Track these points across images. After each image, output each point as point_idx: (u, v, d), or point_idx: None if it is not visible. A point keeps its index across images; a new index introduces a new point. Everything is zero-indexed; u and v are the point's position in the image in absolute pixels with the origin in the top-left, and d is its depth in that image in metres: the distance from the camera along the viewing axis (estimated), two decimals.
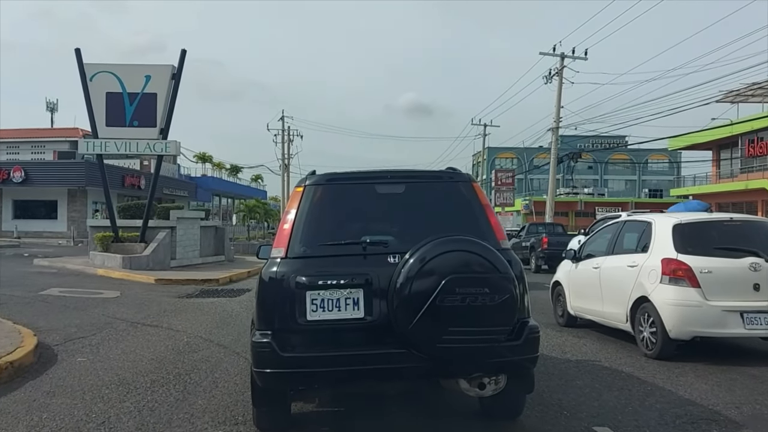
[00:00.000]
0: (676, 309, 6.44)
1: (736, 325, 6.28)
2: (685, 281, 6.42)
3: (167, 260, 17.50)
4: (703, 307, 6.32)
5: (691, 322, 6.41)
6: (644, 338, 6.85)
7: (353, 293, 3.73)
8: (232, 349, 7.15)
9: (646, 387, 5.44)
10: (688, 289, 6.38)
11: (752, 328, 6.28)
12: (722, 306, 6.31)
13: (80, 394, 5.22)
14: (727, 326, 6.32)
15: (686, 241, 6.69)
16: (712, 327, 6.38)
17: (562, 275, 9.10)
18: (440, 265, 3.56)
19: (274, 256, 3.94)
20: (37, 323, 8.52)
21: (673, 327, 6.44)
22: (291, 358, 3.67)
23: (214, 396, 5.16)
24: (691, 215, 7.71)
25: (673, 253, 6.63)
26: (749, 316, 6.26)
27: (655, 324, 6.63)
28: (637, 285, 6.97)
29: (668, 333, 6.47)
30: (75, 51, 17.07)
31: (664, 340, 6.53)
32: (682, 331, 6.44)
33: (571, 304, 8.67)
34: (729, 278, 6.40)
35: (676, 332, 6.44)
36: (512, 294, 3.59)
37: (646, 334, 6.79)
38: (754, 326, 6.27)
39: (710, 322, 6.35)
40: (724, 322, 6.32)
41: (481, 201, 4.16)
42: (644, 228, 7.41)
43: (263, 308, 3.88)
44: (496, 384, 3.89)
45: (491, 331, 3.59)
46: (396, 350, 3.67)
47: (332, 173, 4.35)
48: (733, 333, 6.41)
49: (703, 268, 6.41)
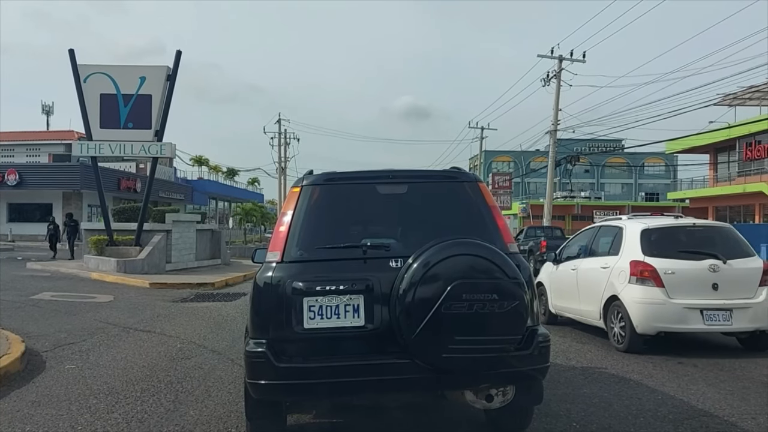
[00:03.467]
0: (642, 306, 7.01)
1: (696, 321, 6.88)
2: (650, 281, 7.00)
3: (162, 264, 17.27)
4: (667, 305, 6.89)
5: (656, 319, 6.97)
6: (615, 333, 7.43)
7: (353, 300, 3.52)
8: (227, 355, 6.93)
9: (656, 396, 5.23)
10: (653, 289, 6.96)
11: (711, 323, 6.88)
12: (684, 304, 6.89)
13: (67, 404, 4.99)
14: (688, 322, 6.91)
15: (652, 245, 7.30)
16: (674, 323, 6.95)
17: (545, 276, 9.62)
18: (446, 269, 3.35)
19: (270, 261, 3.71)
20: (27, 328, 8.32)
21: (639, 323, 7.01)
22: (287, 368, 3.45)
23: (207, 406, 4.94)
24: (658, 221, 8.10)
25: (640, 256, 7.23)
26: (708, 312, 6.86)
27: (624, 320, 7.18)
28: (609, 285, 7.55)
29: (635, 328, 7.03)
30: (68, 52, 16.89)
31: (631, 334, 7.09)
32: (648, 326, 7.01)
33: (552, 303, 9.24)
34: (690, 278, 6.98)
35: (642, 328, 7.00)
36: (522, 300, 3.38)
37: (617, 329, 7.36)
38: (713, 322, 6.88)
39: (673, 318, 6.92)
40: (686, 319, 6.90)
41: (488, 202, 3.94)
42: (616, 232, 7.97)
43: (258, 315, 3.66)
44: (504, 395, 3.68)
45: (500, 340, 3.38)
46: (398, 360, 3.45)
47: (331, 173, 4.11)
48: (693, 328, 7.02)
49: (667, 269, 7.00)
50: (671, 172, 66.53)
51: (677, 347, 7.46)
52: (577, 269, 8.46)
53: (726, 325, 6.94)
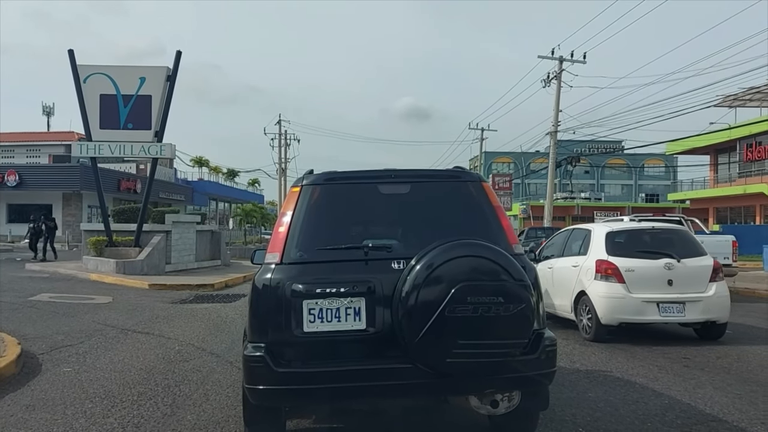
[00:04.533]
0: (605, 300, 7.79)
1: (653, 313, 7.64)
2: (613, 278, 7.80)
3: (162, 265, 17.16)
4: (627, 299, 7.67)
5: (618, 311, 7.72)
6: (583, 325, 8.17)
7: (354, 302, 3.42)
8: (225, 358, 6.84)
9: (663, 401, 5.13)
10: (616, 285, 7.76)
11: (666, 315, 7.65)
12: (642, 297, 7.65)
13: (62, 408, 4.90)
14: (646, 314, 7.66)
15: (615, 246, 8.17)
16: (634, 315, 7.69)
17: None
18: (449, 271, 3.25)
19: (269, 262, 3.61)
20: (24, 330, 8.22)
21: (603, 315, 7.78)
22: (286, 373, 3.35)
23: (205, 410, 4.84)
24: (621, 224, 9.18)
25: (604, 255, 8.05)
26: (663, 305, 7.64)
27: (591, 313, 7.96)
28: (578, 281, 8.34)
29: (600, 320, 7.81)
30: (68, 52, 16.79)
31: (597, 325, 7.86)
32: (611, 318, 7.76)
33: None
34: (648, 275, 7.73)
35: (606, 319, 7.77)
36: (529, 303, 3.28)
37: (585, 321, 8.12)
38: (668, 314, 7.65)
39: (632, 310, 7.67)
40: (644, 311, 7.65)
41: (492, 202, 3.84)
42: (585, 235, 8.85)
43: (256, 318, 3.56)
44: (509, 401, 3.58)
45: (506, 345, 3.28)
46: (401, 365, 3.35)
47: (331, 172, 4.00)
48: (650, 320, 7.74)
49: (628, 267, 7.79)
50: (671, 173, 66.39)
51: (682, 350, 7.38)
52: (553, 268, 9.23)
53: (679, 316, 7.69)
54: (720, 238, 13.65)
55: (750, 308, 11.74)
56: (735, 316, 10.54)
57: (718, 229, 28.92)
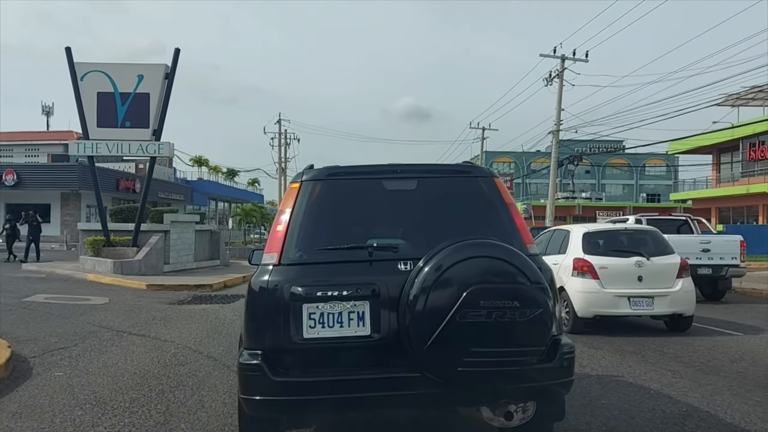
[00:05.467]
0: (581, 295, 8.46)
1: (624, 306, 8.33)
2: (588, 275, 8.49)
3: (160, 265, 16.93)
4: (601, 294, 8.37)
5: (592, 305, 8.38)
6: (562, 318, 8.37)
7: (358, 306, 3.19)
8: (222, 361, 6.61)
9: (680, 408, 4.90)
10: (590, 281, 8.46)
11: (636, 308, 8.37)
12: (615, 292, 8.36)
13: (50, 416, 4.66)
14: (618, 307, 8.36)
15: (591, 245, 8.88)
16: (607, 308, 8.38)
17: None
18: (460, 273, 3.02)
19: (266, 263, 3.37)
20: (16, 332, 8.01)
21: (579, 308, 8.46)
22: (284, 383, 3.12)
23: (199, 418, 4.61)
24: (597, 226, 10.32)
25: (581, 254, 8.76)
26: (634, 299, 8.34)
27: (569, 306, 8.56)
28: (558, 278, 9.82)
29: (576, 313, 8.48)
30: (65, 50, 16.55)
31: (574, 318, 8.52)
32: (586, 311, 8.43)
33: None
34: (620, 272, 8.44)
35: (582, 312, 8.45)
36: (546, 308, 3.04)
37: (563, 315, 8.62)
38: (638, 307, 8.36)
39: (606, 304, 8.36)
40: (616, 305, 8.35)
41: (505, 199, 3.60)
42: (565, 235, 9.55)
43: (253, 323, 3.32)
44: (524, 412, 3.35)
45: (522, 352, 3.04)
46: (408, 374, 3.12)
47: (333, 167, 3.73)
48: (622, 312, 8.41)
49: (602, 265, 8.51)
50: (672, 173, 66.08)
51: (693, 354, 7.15)
52: None
53: (648, 309, 8.40)
54: (728, 238, 13.41)
55: (759, 309, 11.52)
56: (745, 318, 10.36)
57: (722, 229, 28.69)
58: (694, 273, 12.54)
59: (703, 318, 10.25)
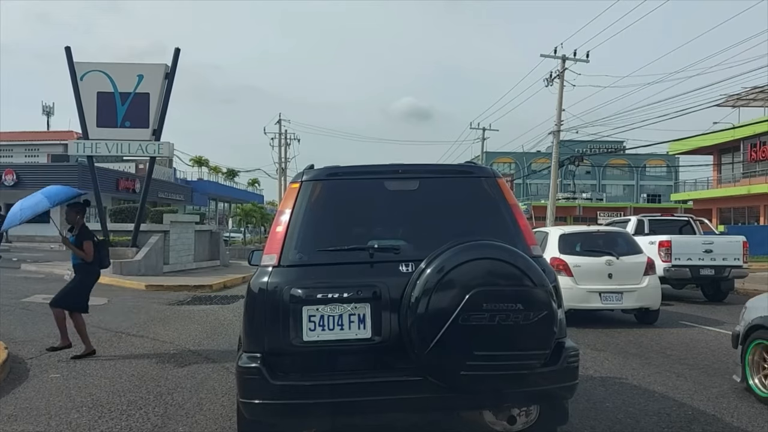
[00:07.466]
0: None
1: (596, 301, 9.09)
2: (563, 272, 9.02)
3: (160, 265, 16.88)
4: (574, 290, 8.92)
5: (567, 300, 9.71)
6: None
7: (359, 309, 3.13)
8: (221, 363, 6.55)
9: (686, 411, 4.83)
10: (565, 278, 8.95)
11: (606, 303, 9.16)
12: (587, 288, 9.07)
13: (46, 418, 4.60)
14: (590, 302, 9.08)
15: (566, 246, 9.60)
16: (580, 302, 8.98)
17: None
18: (463, 275, 2.96)
19: (266, 264, 3.30)
20: (14, 333, 7.97)
21: None
22: (284, 386, 3.06)
23: (198, 422, 4.54)
24: (572, 228, 10.99)
25: (557, 254, 9.40)
26: (604, 294, 9.10)
27: None
28: None
29: None
30: (65, 49, 16.51)
31: None
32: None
33: None
34: (592, 270, 9.19)
35: None
36: (551, 310, 2.98)
37: None
38: (608, 302, 9.16)
39: (579, 299, 8.96)
40: (588, 299, 9.06)
41: (508, 200, 3.53)
42: (544, 236, 10.10)
43: (252, 326, 3.26)
44: (527, 416, 3.30)
45: (525, 356, 2.98)
46: (410, 378, 3.06)
47: (334, 167, 3.67)
48: (594, 306, 9.16)
49: (575, 264, 9.22)
50: (673, 173, 66.03)
51: (698, 356, 7.08)
52: None
53: (618, 303, 9.20)
54: (731, 239, 13.34)
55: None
56: None
57: (723, 229, 28.63)
58: (696, 274, 12.53)
59: (706, 319, 10.19)
